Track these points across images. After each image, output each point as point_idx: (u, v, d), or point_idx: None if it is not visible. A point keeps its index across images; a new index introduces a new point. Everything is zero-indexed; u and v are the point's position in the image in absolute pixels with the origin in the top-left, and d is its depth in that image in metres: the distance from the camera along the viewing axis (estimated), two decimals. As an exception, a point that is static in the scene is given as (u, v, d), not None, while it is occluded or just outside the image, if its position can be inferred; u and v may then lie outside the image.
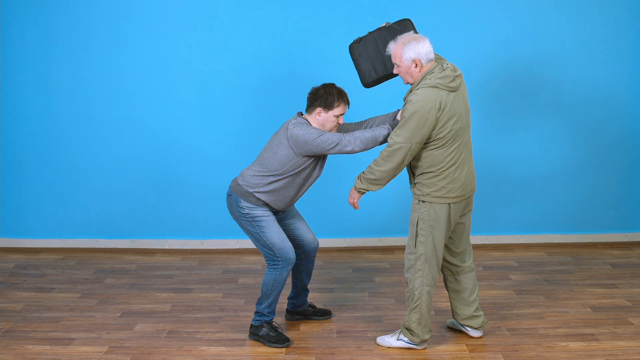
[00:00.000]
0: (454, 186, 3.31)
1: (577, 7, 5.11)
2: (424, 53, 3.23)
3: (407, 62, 3.25)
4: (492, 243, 5.36)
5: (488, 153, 5.21)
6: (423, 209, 3.34)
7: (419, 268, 3.38)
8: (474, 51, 5.13)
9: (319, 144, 3.39)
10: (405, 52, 3.24)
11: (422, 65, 3.25)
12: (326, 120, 3.48)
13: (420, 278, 3.38)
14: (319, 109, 3.47)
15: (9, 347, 3.55)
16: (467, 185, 3.38)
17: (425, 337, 3.45)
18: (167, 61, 5.14)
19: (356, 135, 3.41)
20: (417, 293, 3.39)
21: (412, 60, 3.24)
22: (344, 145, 3.38)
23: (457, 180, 3.31)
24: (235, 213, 3.57)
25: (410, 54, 3.23)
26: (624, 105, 5.23)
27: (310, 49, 5.11)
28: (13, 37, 5.12)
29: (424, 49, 3.23)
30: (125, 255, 5.21)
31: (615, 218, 5.37)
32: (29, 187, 5.31)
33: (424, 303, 3.40)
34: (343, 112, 3.50)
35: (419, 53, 3.22)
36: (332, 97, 3.45)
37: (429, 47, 3.25)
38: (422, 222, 3.35)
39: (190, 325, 3.84)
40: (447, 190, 3.30)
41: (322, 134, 3.40)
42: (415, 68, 3.25)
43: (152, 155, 5.23)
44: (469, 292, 3.58)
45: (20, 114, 5.22)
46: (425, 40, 3.27)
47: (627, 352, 3.41)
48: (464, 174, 3.34)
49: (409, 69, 3.26)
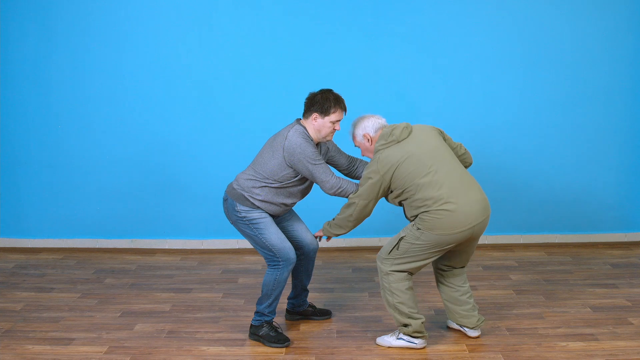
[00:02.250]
0: (455, 220, 3.24)
1: (576, 7, 5.11)
2: (370, 126, 3.49)
3: (361, 139, 3.52)
4: (492, 243, 5.37)
5: (488, 153, 5.21)
6: (413, 232, 3.34)
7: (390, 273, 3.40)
8: (474, 51, 5.13)
9: (309, 168, 3.42)
10: (357, 132, 3.53)
11: (371, 137, 3.49)
12: (322, 126, 3.48)
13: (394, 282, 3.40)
14: (315, 115, 3.47)
15: (9, 347, 3.54)
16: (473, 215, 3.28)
17: (418, 321, 3.42)
18: (167, 61, 5.14)
19: (343, 185, 3.45)
20: (390, 298, 3.41)
21: (362, 136, 3.51)
22: (329, 187, 3.45)
23: (451, 213, 3.24)
24: (232, 217, 3.57)
25: (360, 131, 3.51)
26: (624, 105, 5.23)
27: (310, 49, 5.11)
28: (13, 37, 5.12)
29: (369, 122, 3.50)
30: (125, 255, 5.21)
31: (615, 218, 5.37)
32: (29, 187, 5.31)
33: (398, 299, 3.39)
34: (339, 118, 3.50)
35: (365, 127, 3.49)
36: (329, 103, 3.45)
37: (375, 119, 3.50)
38: (404, 242, 3.36)
39: (190, 325, 3.84)
40: (443, 223, 3.25)
41: (317, 162, 3.41)
42: (367, 142, 3.51)
43: (152, 155, 5.23)
44: (461, 291, 3.59)
45: (20, 114, 5.22)
46: (370, 116, 3.53)
47: (627, 352, 3.40)
48: (461, 205, 3.25)
49: (364, 144, 3.52)
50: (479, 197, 3.33)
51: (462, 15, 5.11)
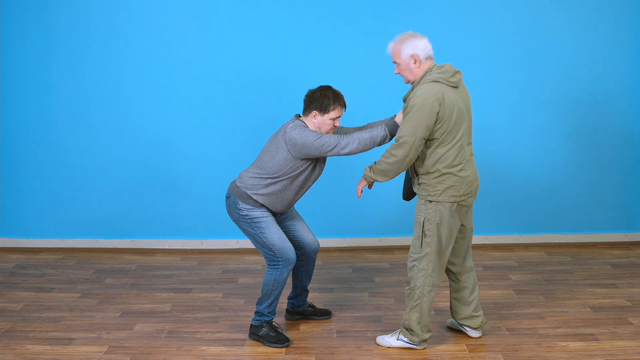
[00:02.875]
0: (461, 185, 3.30)
1: (576, 7, 5.11)
2: (422, 49, 3.25)
3: (406, 58, 3.26)
4: (492, 243, 5.36)
5: (488, 153, 5.21)
6: (430, 209, 3.33)
7: (422, 268, 3.37)
8: (474, 51, 5.13)
9: (317, 147, 3.38)
10: (404, 48, 3.25)
11: (420, 61, 3.26)
12: (322, 123, 3.48)
13: (422, 278, 3.38)
14: (314, 112, 3.47)
15: (9, 347, 3.55)
16: (473, 182, 3.38)
17: (425, 336, 3.45)
18: (167, 61, 5.14)
19: (354, 136, 3.40)
20: (417, 292, 3.39)
21: (410, 56, 3.24)
22: (342, 147, 3.38)
23: (463, 179, 3.30)
24: (234, 215, 3.57)
25: (409, 49, 3.24)
26: (624, 105, 5.23)
27: (310, 49, 5.11)
28: (13, 37, 5.12)
29: (421, 44, 3.25)
30: (125, 255, 5.21)
31: (615, 218, 5.37)
32: (29, 187, 5.31)
33: (424, 303, 3.39)
34: (339, 115, 3.49)
35: (416, 48, 3.24)
36: (328, 101, 3.44)
37: (427, 44, 3.27)
38: (428, 223, 3.33)
39: (190, 325, 3.84)
40: (454, 189, 3.29)
41: (319, 136, 3.39)
42: (414, 64, 3.26)
43: (152, 155, 5.23)
44: (468, 291, 3.58)
45: (20, 114, 5.22)
46: (423, 37, 3.29)
47: (627, 352, 3.41)
48: (469, 175, 3.34)
49: (408, 65, 3.27)
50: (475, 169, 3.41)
51: (462, 15, 5.11)
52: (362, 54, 5.11)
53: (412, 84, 3.33)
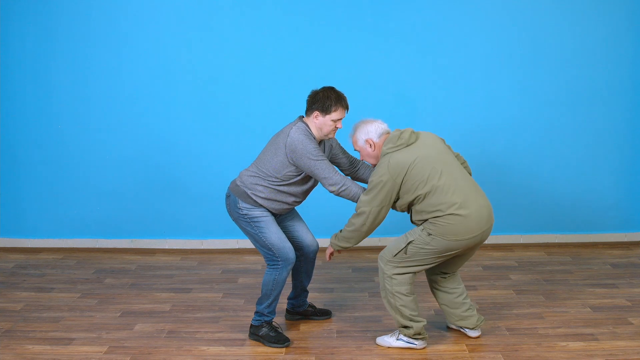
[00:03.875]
0: (463, 225, 3.23)
1: (576, 7, 5.11)
2: (373, 131, 3.43)
3: (362, 144, 3.46)
4: (492, 243, 5.36)
5: (488, 153, 5.21)
6: (423, 237, 3.30)
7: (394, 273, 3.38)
8: (474, 51, 5.13)
9: (310, 165, 3.39)
10: (358, 136, 3.46)
11: (374, 142, 3.43)
12: (324, 124, 3.46)
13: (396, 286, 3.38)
14: (316, 112, 3.46)
15: (9, 347, 3.55)
16: (482, 222, 3.28)
17: (419, 324, 3.42)
18: (167, 61, 5.14)
19: (347, 184, 3.41)
20: (392, 300, 3.40)
21: (365, 141, 3.44)
22: (331, 183, 3.40)
23: (464, 218, 3.23)
24: (234, 214, 3.57)
25: (362, 136, 3.45)
26: (624, 105, 5.22)
27: (310, 49, 5.11)
28: (13, 37, 5.12)
29: (372, 127, 3.44)
30: (125, 255, 5.21)
31: (615, 218, 5.37)
32: (29, 187, 5.31)
33: (401, 302, 3.38)
34: (341, 116, 3.48)
35: (368, 133, 3.43)
36: (330, 102, 3.43)
37: (378, 125, 3.45)
38: (412, 246, 3.33)
39: (190, 325, 3.84)
40: (455, 228, 3.23)
41: (319, 159, 3.38)
42: (370, 148, 3.44)
43: (152, 155, 5.23)
44: (456, 294, 3.58)
45: (20, 114, 5.22)
46: (374, 120, 3.47)
47: (627, 352, 3.40)
48: (473, 211, 3.25)
49: (366, 149, 3.46)
50: (486, 203, 3.35)
51: (462, 15, 5.11)
52: (362, 53, 5.11)
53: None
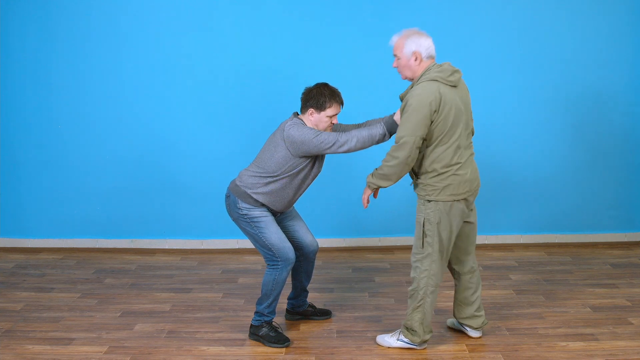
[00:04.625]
0: (459, 184, 3.29)
1: (576, 7, 5.11)
2: (425, 47, 3.24)
3: (407, 54, 3.25)
4: (492, 243, 5.36)
5: (488, 152, 5.21)
6: (429, 209, 3.32)
7: (425, 268, 3.37)
8: (475, 51, 5.13)
9: (315, 144, 3.39)
10: (407, 43, 3.24)
11: (421, 59, 3.25)
12: (319, 120, 3.47)
13: (425, 278, 3.37)
14: (311, 110, 3.47)
15: (9, 347, 3.55)
16: (473, 181, 3.36)
17: (426, 337, 3.45)
18: (167, 61, 5.14)
19: (352, 134, 3.40)
20: (421, 293, 3.38)
21: (412, 52, 3.23)
22: (340, 144, 3.38)
23: (461, 177, 3.29)
24: (233, 214, 3.58)
25: (412, 46, 3.23)
26: (624, 104, 5.22)
27: (310, 49, 5.11)
28: (13, 37, 5.12)
29: (425, 42, 3.25)
30: (125, 255, 5.21)
31: (615, 218, 5.37)
32: (29, 187, 5.31)
33: (427, 303, 3.39)
34: (336, 112, 3.48)
35: (419, 45, 3.23)
36: (324, 98, 3.44)
37: (431, 44, 3.27)
38: (428, 223, 3.33)
39: (190, 325, 3.84)
40: (452, 188, 3.28)
41: (318, 134, 3.40)
42: (414, 61, 3.25)
43: (152, 155, 5.23)
44: (471, 291, 3.58)
45: (20, 114, 5.22)
46: (428, 36, 3.29)
47: (627, 352, 3.40)
48: (468, 174, 3.32)
49: (409, 61, 3.26)
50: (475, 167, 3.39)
51: (462, 16, 5.10)
52: (362, 53, 5.11)
53: (411, 81, 3.33)
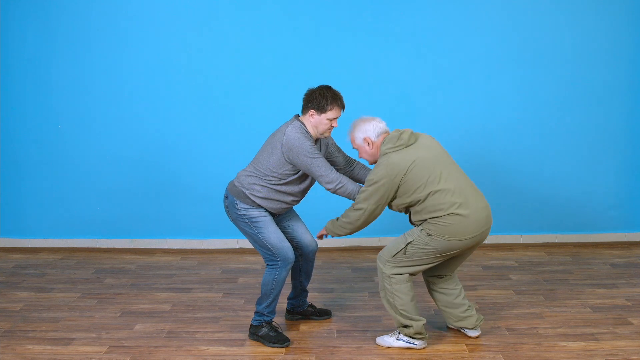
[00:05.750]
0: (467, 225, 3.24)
1: (576, 7, 5.11)
2: (371, 130, 3.43)
3: (360, 142, 3.46)
4: (492, 243, 5.36)
5: (488, 153, 5.22)
6: (421, 238, 3.31)
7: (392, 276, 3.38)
8: (474, 51, 5.13)
9: (307, 163, 3.39)
10: (357, 135, 3.46)
11: (373, 141, 3.42)
12: (319, 122, 3.46)
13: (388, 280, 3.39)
14: (312, 111, 3.46)
15: (9, 347, 3.55)
16: (481, 223, 3.29)
17: (419, 323, 3.43)
18: (167, 61, 5.14)
19: (344, 181, 3.42)
20: (391, 300, 3.41)
21: (363, 139, 3.44)
22: (328, 180, 3.40)
23: (468, 218, 3.24)
24: (232, 215, 3.58)
25: (360, 135, 3.45)
26: (624, 104, 5.23)
27: (310, 49, 5.11)
28: (13, 37, 5.12)
29: (370, 126, 3.44)
30: (125, 255, 5.21)
31: (615, 218, 5.37)
32: (29, 187, 5.31)
33: (400, 301, 3.39)
34: (337, 115, 3.48)
35: (366, 131, 3.43)
36: (326, 100, 3.43)
37: (377, 124, 3.44)
38: (411, 247, 3.34)
39: (190, 325, 3.84)
40: (459, 230, 3.24)
41: (315, 157, 3.39)
42: (369, 147, 3.44)
43: (152, 155, 5.23)
44: (453, 295, 3.58)
45: (20, 114, 5.22)
46: (372, 119, 3.47)
47: (627, 352, 3.40)
48: (472, 211, 3.26)
49: (364, 148, 3.45)
50: (485, 204, 3.36)
51: (462, 16, 5.11)
52: (362, 53, 5.11)
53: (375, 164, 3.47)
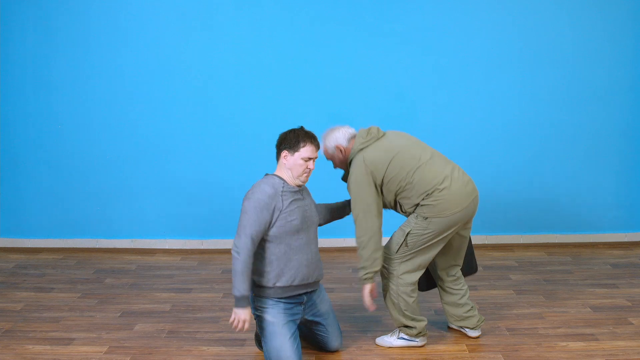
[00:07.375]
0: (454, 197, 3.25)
1: (576, 7, 5.11)
2: (342, 137, 3.41)
3: (334, 151, 3.43)
4: (492, 243, 5.37)
5: (488, 153, 5.22)
6: (419, 224, 3.30)
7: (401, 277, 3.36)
8: (475, 51, 5.14)
9: (240, 218, 3.12)
10: (329, 146, 3.43)
11: (344, 147, 3.41)
12: (294, 164, 3.19)
13: (395, 279, 3.37)
14: (285, 152, 3.21)
15: (9, 347, 3.55)
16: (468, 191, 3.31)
17: (422, 323, 3.43)
18: (168, 62, 5.14)
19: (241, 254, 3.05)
20: (395, 301, 3.39)
21: (335, 147, 3.42)
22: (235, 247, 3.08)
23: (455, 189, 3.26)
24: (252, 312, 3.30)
25: (332, 143, 3.42)
26: (624, 105, 5.23)
27: (310, 50, 5.11)
28: (13, 37, 5.13)
29: (339, 134, 3.42)
30: (125, 255, 5.21)
31: (615, 218, 5.37)
32: (29, 187, 5.31)
33: (404, 303, 3.38)
34: (312, 155, 3.21)
35: (336, 139, 3.41)
36: (297, 138, 3.20)
37: (344, 130, 3.43)
38: (412, 236, 3.32)
39: (190, 325, 3.84)
40: (448, 203, 3.24)
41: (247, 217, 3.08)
42: (341, 154, 3.42)
43: (152, 155, 5.24)
44: (459, 296, 3.58)
45: (20, 114, 5.23)
46: (340, 127, 3.46)
47: (627, 352, 3.40)
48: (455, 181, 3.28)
49: (337, 156, 3.44)
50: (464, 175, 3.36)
51: (462, 16, 5.11)
52: (362, 54, 5.11)
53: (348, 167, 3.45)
